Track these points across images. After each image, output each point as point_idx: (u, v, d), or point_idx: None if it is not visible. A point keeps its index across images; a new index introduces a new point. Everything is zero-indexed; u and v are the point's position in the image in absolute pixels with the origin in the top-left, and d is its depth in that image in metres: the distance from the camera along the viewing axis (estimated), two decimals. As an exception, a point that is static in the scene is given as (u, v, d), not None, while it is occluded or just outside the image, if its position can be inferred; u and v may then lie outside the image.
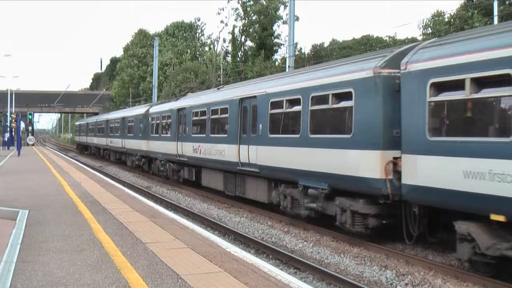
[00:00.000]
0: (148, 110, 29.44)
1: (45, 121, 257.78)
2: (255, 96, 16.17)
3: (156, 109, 28.30)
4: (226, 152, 17.73)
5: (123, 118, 36.03)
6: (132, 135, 32.73)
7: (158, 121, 26.67)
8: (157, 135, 26.67)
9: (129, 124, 33.82)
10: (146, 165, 30.14)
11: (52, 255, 8.37)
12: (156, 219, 11.92)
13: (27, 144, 65.90)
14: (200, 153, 20.17)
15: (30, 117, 73.55)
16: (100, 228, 10.64)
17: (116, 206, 13.91)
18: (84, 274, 7.28)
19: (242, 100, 16.98)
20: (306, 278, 9.83)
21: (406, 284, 9.31)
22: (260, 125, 15.59)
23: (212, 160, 19.23)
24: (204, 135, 20.01)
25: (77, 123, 73.28)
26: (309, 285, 7.86)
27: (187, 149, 21.73)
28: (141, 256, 8.30)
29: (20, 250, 8.62)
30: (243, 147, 16.54)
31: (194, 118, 21.39)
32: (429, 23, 45.12)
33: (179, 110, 23.42)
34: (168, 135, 24.76)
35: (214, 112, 19.26)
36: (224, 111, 18.38)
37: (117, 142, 37.61)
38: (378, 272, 10.00)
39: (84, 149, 60.55)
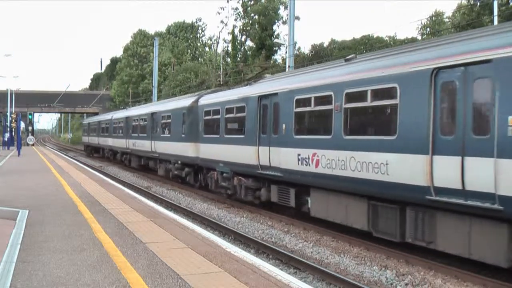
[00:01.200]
0: (197, 101, 21.83)
1: (45, 121, 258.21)
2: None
3: (214, 98, 20.37)
4: (397, 167, 10.46)
5: (153, 114, 28.66)
6: (167, 135, 25.49)
7: (217, 116, 19.30)
8: (216, 135, 19.22)
9: (164, 121, 26.41)
10: (191, 176, 23.08)
11: (52, 255, 8.37)
12: (156, 219, 11.92)
13: (27, 144, 65.92)
14: (315, 165, 12.89)
15: (30, 117, 73.61)
16: (100, 228, 10.64)
17: (116, 206, 13.91)
18: (84, 274, 7.28)
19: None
20: (306, 278, 9.83)
21: (406, 284, 9.31)
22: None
23: (349, 180, 11.76)
24: (329, 137, 12.54)
25: (85, 121, 62.69)
26: (309, 285, 7.86)
27: (285, 158, 14.28)
28: (141, 256, 8.29)
29: (20, 250, 8.62)
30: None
31: (303, 109, 13.89)
32: (427, 23, 45.15)
33: (262, 97, 15.91)
34: (240, 136, 17.21)
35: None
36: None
37: (143, 145, 29.98)
38: (378, 272, 10.00)
39: (93, 151, 53.34)
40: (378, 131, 11.18)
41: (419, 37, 45.32)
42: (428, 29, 44.73)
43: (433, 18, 44.83)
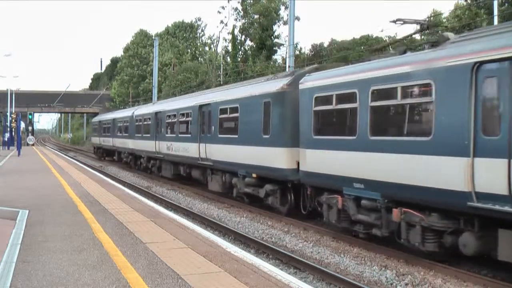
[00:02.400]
0: (295, 83, 14.38)
1: (45, 121, 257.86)
2: None
3: (340, 76, 12.46)
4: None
5: (203, 107, 20.56)
6: (232, 136, 17.85)
7: (349, 105, 11.91)
8: (347, 137, 11.99)
9: (224, 116, 18.72)
10: (276, 196, 15.67)
11: (52, 255, 8.37)
12: (156, 219, 11.92)
13: (27, 144, 65.90)
14: None
15: (30, 117, 73.62)
16: (100, 228, 10.64)
17: (116, 206, 13.91)
18: (84, 274, 7.28)
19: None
20: (306, 278, 9.83)
21: (406, 284, 9.31)
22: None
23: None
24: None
25: (95, 119, 53.67)
26: (309, 285, 7.86)
27: None
28: (141, 256, 8.29)
29: (20, 250, 8.62)
30: None
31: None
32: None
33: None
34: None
35: None
36: None
37: (185, 149, 22.26)
38: (378, 272, 10.00)
39: (106, 154, 46.10)
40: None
41: (418, 37, 45.24)
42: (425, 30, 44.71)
43: (431, 18, 44.78)
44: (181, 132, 23.40)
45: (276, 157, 14.86)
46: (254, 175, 16.23)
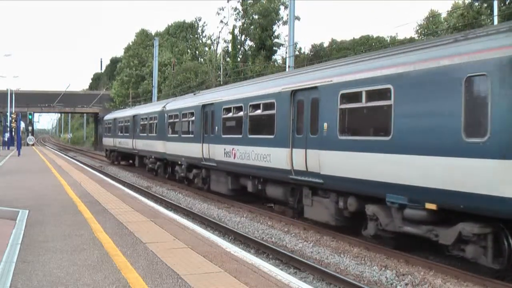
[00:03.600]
0: None
1: (45, 121, 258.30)
2: None
3: None
4: None
5: (296, 92, 13.80)
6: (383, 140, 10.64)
7: None
8: None
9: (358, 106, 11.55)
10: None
11: (52, 255, 8.37)
12: (156, 219, 11.92)
13: (27, 144, 65.96)
14: None
15: (30, 117, 73.61)
16: (100, 228, 10.64)
17: (116, 206, 13.91)
18: (84, 274, 7.27)
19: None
20: (306, 278, 9.83)
21: (406, 284, 9.31)
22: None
23: None
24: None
25: (108, 117, 44.92)
26: (309, 285, 7.86)
27: None
28: (141, 256, 8.29)
29: (20, 250, 8.62)
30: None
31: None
32: (424, 24, 45.21)
33: None
34: None
35: None
36: None
37: (266, 156, 15.10)
38: (378, 272, 10.00)
39: (120, 158, 39.60)
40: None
41: (417, 37, 45.32)
42: (426, 30, 44.77)
43: (430, 19, 44.84)
44: (255, 131, 16.04)
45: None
46: (430, 206, 9.47)
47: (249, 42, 57.65)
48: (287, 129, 13.95)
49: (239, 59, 55.74)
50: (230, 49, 57.78)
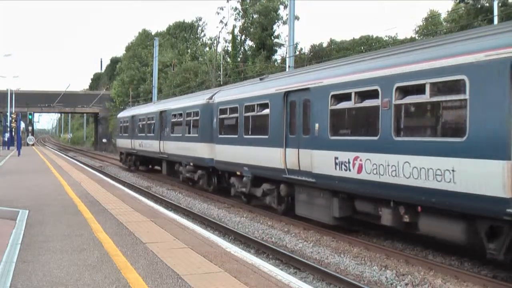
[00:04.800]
0: None
1: (45, 121, 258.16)
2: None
3: None
4: None
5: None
6: None
7: None
8: None
9: None
10: None
11: (52, 255, 8.37)
12: (156, 219, 11.92)
13: (27, 144, 65.99)
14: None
15: (30, 117, 73.62)
16: (100, 228, 10.64)
17: (116, 206, 13.91)
18: (84, 274, 7.27)
19: None
20: (306, 278, 9.83)
21: (406, 284, 9.31)
22: None
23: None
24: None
25: (124, 114, 38.13)
26: (309, 285, 7.86)
27: None
28: (141, 256, 8.29)
29: (20, 250, 8.62)
30: None
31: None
32: (424, 24, 45.26)
33: None
34: None
35: None
36: None
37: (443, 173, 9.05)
38: (378, 272, 10.00)
39: (140, 162, 33.50)
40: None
41: (417, 37, 45.31)
42: (425, 30, 44.81)
43: (429, 19, 44.86)
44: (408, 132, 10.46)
45: None
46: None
47: (249, 42, 57.67)
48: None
49: (239, 59, 55.75)
50: (230, 49, 57.79)
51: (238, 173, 17.56)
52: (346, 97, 11.77)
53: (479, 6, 33.10)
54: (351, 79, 11.68)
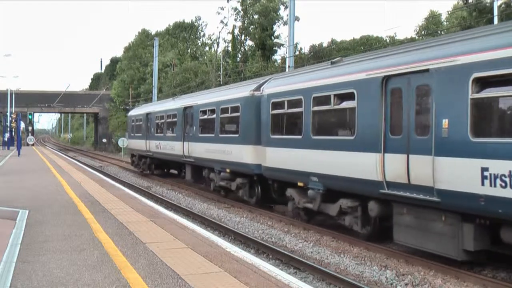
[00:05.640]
0: None
1: (45, 121, 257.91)
2: None
3: None
4: None
5: None
6: None
7: None
8: None
9: None
10: None
11: (52, 255, 8.36)
12: (156, 219, 11.92)
13: (27, 144, 66.01)
14: None
15: (30, 117, 73.72)
16: (100, 228, 10.64)
17: (116, 206, 13.91)
18: (84, 274, 7.27)
19: None
20: (306, 278, 9.83)
21: (406, 284, 9.31)
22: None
23: None
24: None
25: (136, 112, 34.39)
26: (309, 285, 7.87)
27: None
28: (141, 256, 8.29)
29: (20, 250, 8.62)
30: None
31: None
32: (424, 24, 45.29)
33: None
34: None
35: None
36: None
37: None
38: (378, 272, 10.00)
39: (155, 166, 29.89)
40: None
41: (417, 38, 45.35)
42: (424, 31, 44.85)
43: (430, 19, 44.92)
44: None
45: None
46: None
47: (249, 42, 57.69)
48: None
49: (238, 59, 55.76)
50: (230, 49, 57.80)
51: (300, 184, 13.83)
52: (503, 81, 8.33)
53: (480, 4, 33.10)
54: None
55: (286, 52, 31.33)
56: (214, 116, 19.48)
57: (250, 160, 16.50)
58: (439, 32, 38.82)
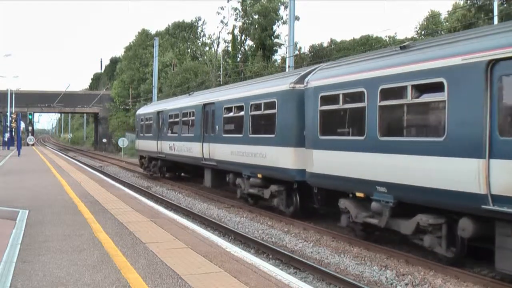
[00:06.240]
0: None
1: (45, 121, 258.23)
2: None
3: None
4: None
5: None
6: None
7: None
8: None
9: None
10: None
11: (52, 255, 8.36)
12: (156, 219, 11.92)
13: (27, 144, 66.04)
14: None
15: (30, 117, 73.70)
16: (100, 228, 10.64)
17: (116, 206, 13.91)
18: (84, 274, 7.27)
19: None
20: (306, 278, 9.83)
21: (406, 284, 9.31)
22: None
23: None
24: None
25: (146, 110, 31.56)
26: (309, 285, 7.87)
27: None
28: (141, 256, 8.29)
29: (20, 250, 8.61)
30: None
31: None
32: (424, 24, 45.30)
33: None
34: None
35: None
36: None
37: None
38: (378, 272, 10.00)
39: (166, 169, 27.91)
40: None
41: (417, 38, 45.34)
42: (424, 31, 44.83)
43: (430, 19, 44.89)
44: None
45: None
46: None
47: (249, 42, 57.69)
48: None
49: (238, 59, 55.77)
50: (230, 49, 57.81)
51: (359, 194, 11.68)
52: None
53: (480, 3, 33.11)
54: None
55: (286, 52, 31.35)
56: (242, 113, 17.11)
57: (290, 165, 14.34)
58: (439, 32, 38.80)
